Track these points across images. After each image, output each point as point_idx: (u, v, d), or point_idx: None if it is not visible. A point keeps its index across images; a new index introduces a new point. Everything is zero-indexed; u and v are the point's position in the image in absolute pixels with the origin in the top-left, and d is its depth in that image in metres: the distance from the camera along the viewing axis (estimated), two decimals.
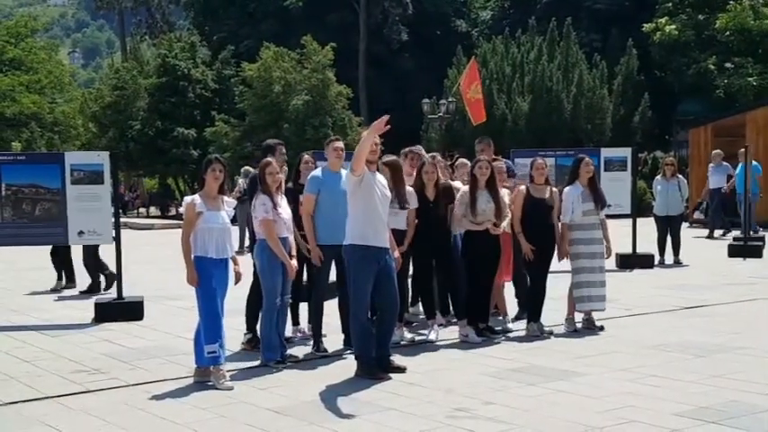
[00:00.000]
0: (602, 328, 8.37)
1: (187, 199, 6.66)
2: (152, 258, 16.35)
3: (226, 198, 6.80)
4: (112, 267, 10.34)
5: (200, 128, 32.96)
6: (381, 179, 6.97)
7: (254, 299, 7.68)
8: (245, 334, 7.77)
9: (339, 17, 40.99)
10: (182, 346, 7.77)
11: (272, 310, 7.02)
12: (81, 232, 9.62)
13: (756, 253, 14.48)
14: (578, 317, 8.48)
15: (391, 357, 6.92)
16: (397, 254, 7.19)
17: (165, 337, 8.36)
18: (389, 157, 7.48)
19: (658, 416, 5.45)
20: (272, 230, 6.93)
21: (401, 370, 6.81)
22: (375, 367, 6.72)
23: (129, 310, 9.37)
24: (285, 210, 7.12)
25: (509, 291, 8.99)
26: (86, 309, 9.67)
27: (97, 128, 35.50)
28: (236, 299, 7.41)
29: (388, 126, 6.55)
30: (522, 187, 8.40)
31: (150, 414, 5.75)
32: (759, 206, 19.66)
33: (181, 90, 34.07)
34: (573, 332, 8.26)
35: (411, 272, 8.35)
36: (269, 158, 7.31)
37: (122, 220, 12.35)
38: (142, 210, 39.01)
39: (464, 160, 9.19)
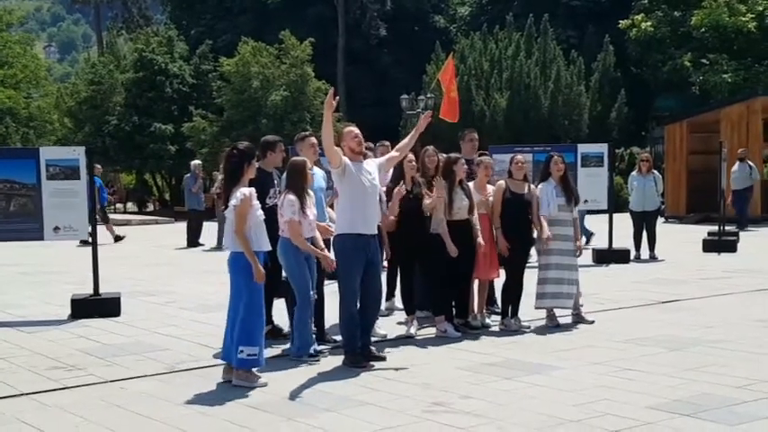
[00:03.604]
0: (592, 323, 8.41)
1: (245, 191, 6.26)
2: (129, 254, 16.26)
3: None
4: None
5: (177, 123, 32.74)
6: (369, 168, 6.93)
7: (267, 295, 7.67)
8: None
9: (317, 12, 40.90)
10: (158, 343, 7.75)
11: (307, 307, 6.96)
12: (57, 228, 9.53)
13: (731, 248, 14.65)
14: (560, 312, 8.53)
15: (371, 347, 6.98)
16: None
17: (142, 334, 8.32)
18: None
19: (633, 409, 5.51)
20: (297, 230, 6.83)
21: (382, 359, 6.89)
22: (360, 356, 6.78)
23: (106, 307, 9.32)
24: (311, 210, 6.99)
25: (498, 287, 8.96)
26: (63, 305, 9.61)
27: (73, 123, 35.19)
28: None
29: (337, 97, 6.52)
30: (501, 182, 8.42)
31: (127, 410, 5.73)
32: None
33: (158, 85, 33.82)
34: (553, 327, 8.29)
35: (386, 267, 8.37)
36: (302, 157, 7.19)
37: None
38: (119, 205, 38.80)
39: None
